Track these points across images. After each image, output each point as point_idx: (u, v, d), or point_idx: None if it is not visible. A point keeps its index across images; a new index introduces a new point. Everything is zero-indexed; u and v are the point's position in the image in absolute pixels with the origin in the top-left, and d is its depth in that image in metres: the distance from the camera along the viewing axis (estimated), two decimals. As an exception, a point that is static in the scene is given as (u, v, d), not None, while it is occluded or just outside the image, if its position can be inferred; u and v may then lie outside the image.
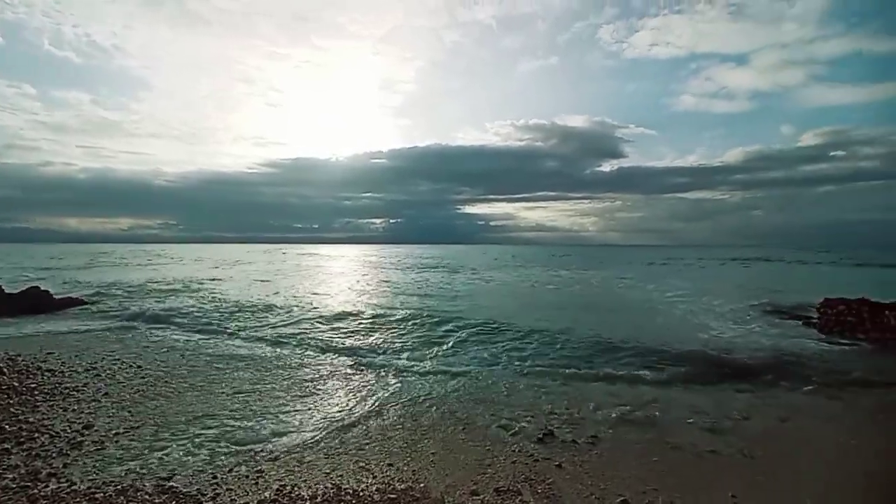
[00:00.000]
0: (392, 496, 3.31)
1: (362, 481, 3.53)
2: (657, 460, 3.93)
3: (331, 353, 7.60)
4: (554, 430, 4.50)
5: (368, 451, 4.04)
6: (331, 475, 3.61)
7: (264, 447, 4.07)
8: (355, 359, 7.22)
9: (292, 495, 3.30)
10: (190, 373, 6.42)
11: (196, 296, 14.84)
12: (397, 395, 5.62)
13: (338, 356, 7.43)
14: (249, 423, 4.62)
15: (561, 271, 29.23)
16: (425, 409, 5.16)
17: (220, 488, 3.37)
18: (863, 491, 3.46)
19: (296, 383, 6.00)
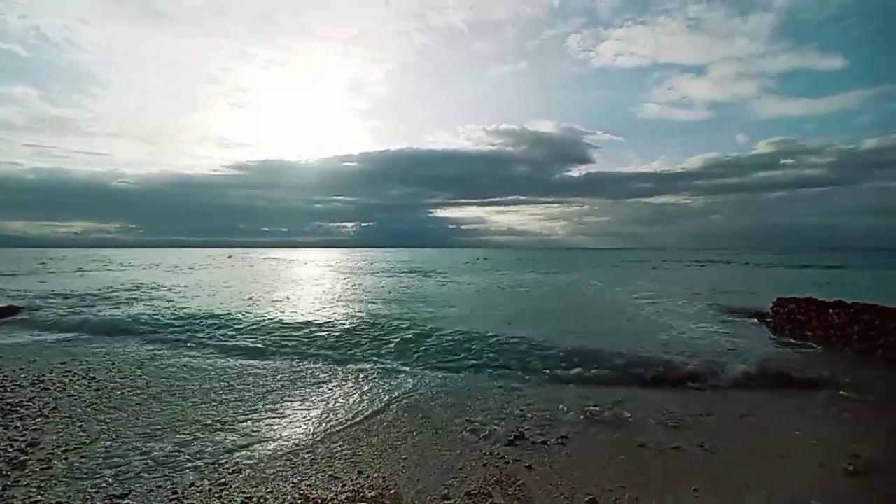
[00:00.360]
0: (362, 504, 3.24)
1: (331, 490, 3.44)
2: (624, 458, 4.03)
3: (295, 362, 7.36)
4: (524, 432, 4.54)
5: (337, 460, 3.95)
6: (298, 485, 3.50)
7: (228, 459, 3.91)
8: (320, 367, 7.04)
9: (257, 508, 3.18)
10: (147, 384, 6.10)
11: (153, 303, 14.15)
12: (366, 402, 5.53)
13: (303, 365, 7.21)
14: (212, 434, 4.43)
15: (530, 274, 29.68)
16: (396, 415, 5.10)
17: (179, 504, 3.21)
18: (816, 479, 3.66)
19: (259, 393, 5.80)
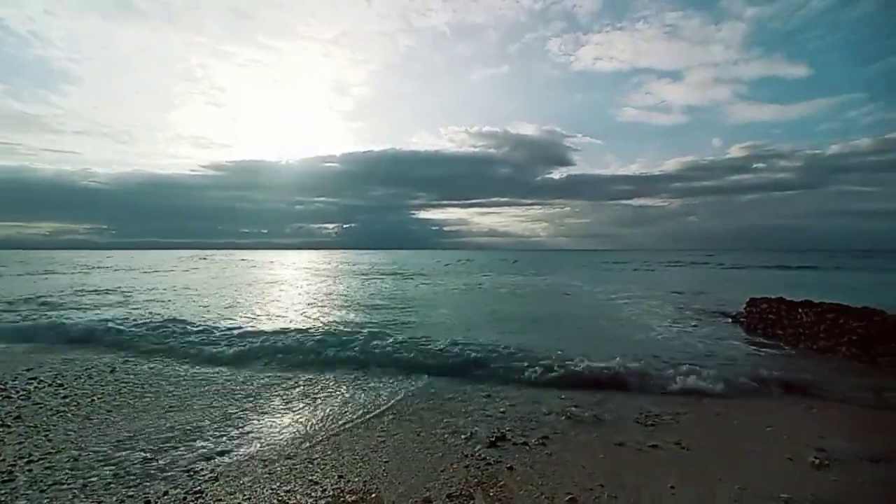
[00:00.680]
0: (342, 510, 3.20)
1: (311, 495, 3.39)
2: (604, 457, 4.09)
3: (271, 369, 7.16)
4: (506, 434, 4.56)
5: (317, 465, 3.89)
6: (277, 491, 3.43)
7: (204, 467, 3.81)
8: (297, 374, 6.84)
9: (233, 517, 3.10)
10: (117, 391, 5.90)
11: (123, 308, 13.63)
12: (346, 406, 5.47)
13: (278, 372, 7.01)
14: (186, 442, 4.31)
15: (512, 276, 29.90)
16: (377, 419, 5.06)
17: (151, 515, 3.10)
18: (784, 473, 3.78)
19: (235, 401, 5.65)
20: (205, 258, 67.21)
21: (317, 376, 6.74)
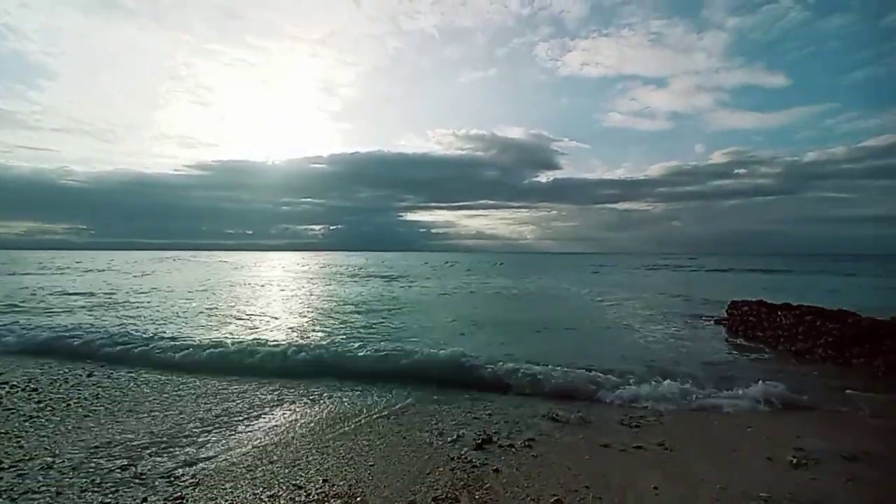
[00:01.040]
0: (326, 515, 3.16)
1: (295, 500, 3.33)
2: (589, 459, 4.12)
3: (250, 374, 6.96)
4: (492, 436, 4.56)
5: (302, 469, 3.84)
6: (260, 496, 3.37)
7: (185, 472, 3.72)
8: (277, 379, 6.67)
9: (214, 523, 3.04)
10: (94, 396, 5.73)
11: (101, 311, 13.25)
12: (330, 411, 5.41)
13: (259, 376, 6.82)
14: (167, 448, 4.21)
15: (498, 279, 30.01)
16: (362, 422, 5.02)
17: (128, 522, 3.02)
18: (764, 472, 3.86)
19: (219, 404, 5.55)
20: (175, 259, 65.60)
21: (298, 382, 6.57)
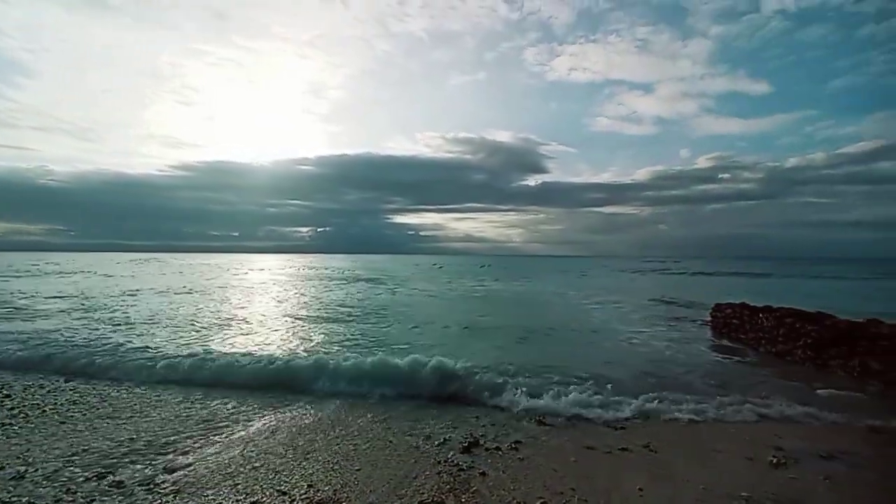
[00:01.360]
0: (310, 521, 3.11)
1: (277, 508, 3.28)
2: (575, 461, 4.13)
3: (230, 383, 6.68)
4: (479, 439, 4.56)
5: (286, 475, 3.77)
6: (243, 502, 3.31)
7: (166, 479, 3.63)
8: (258, 388, 6.44)
9: (194, 532, 2.96)
10: (71, 402, 5.57)
11: (76, 316, 12.81)
12: (315, 417, 5.34)
13: (239, 386, 6.55)
14: (147, 456, 4.11)
15: (485, 282, 30.08)
16: (348, 428, 4.97)
17: (104, 532, 2.93)
18: (745, 472, 3.92)
19: (200, 411, 5.44)
20: (157, 262, 63.92)
21: (280, 391, 6.34)
